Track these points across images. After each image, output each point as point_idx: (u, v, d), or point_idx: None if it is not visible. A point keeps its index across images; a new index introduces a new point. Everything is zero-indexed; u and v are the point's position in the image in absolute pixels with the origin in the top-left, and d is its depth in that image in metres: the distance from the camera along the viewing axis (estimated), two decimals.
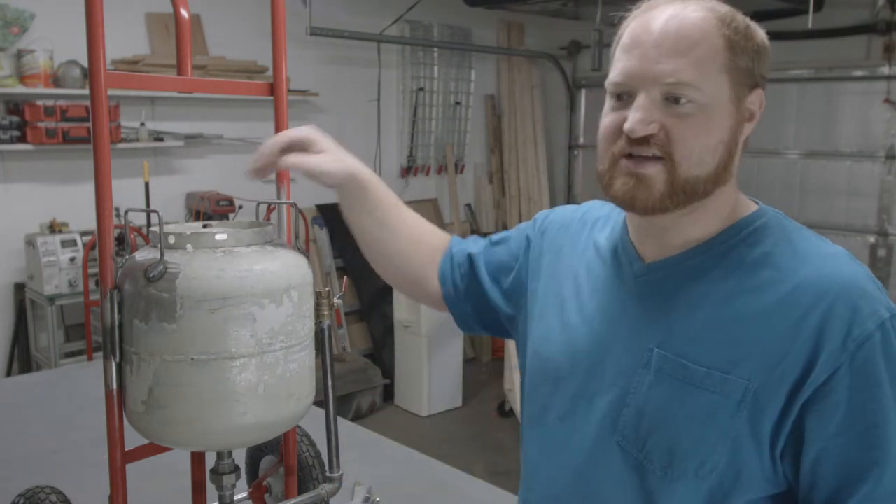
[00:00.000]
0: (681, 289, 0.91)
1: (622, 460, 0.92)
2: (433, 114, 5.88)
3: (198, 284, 0.98)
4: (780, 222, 0.93)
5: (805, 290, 0.84)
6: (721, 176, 0.88)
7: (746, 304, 0.86)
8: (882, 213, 5.18)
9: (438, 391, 4.74)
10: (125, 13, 4.21)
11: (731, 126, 0.87)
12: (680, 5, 0.88)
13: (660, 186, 0.87)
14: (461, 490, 1.89)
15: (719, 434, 0.85)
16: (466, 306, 1.19)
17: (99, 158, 1.04)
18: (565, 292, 1.05)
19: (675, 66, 0.84)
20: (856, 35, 5.08)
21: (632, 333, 0.94)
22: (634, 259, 0.97)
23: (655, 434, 0.89)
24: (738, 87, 0.87)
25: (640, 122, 0.85)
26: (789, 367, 0.82)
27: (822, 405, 0.81)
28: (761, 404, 0.83)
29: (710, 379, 0.86)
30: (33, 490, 1.21)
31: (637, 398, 0.91)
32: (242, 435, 1.06)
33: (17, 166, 4.02)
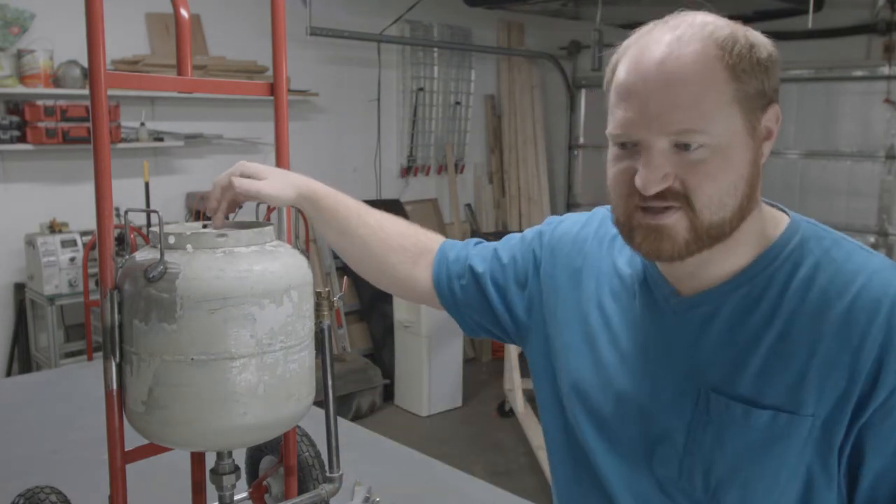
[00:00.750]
0: (728, 325, 0.86)
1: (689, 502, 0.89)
2: (433, 114, 5.88)
3: (198, 285, 0.98)
4: (816, 235, 0.87)
5: (857, 312, 0.80)
6: (745, 210, 0.83)
7: (800, 336, 0.82)
8: (882, 213, 5.18)
9: (438, 391, 4.74)
10: (125, 13, 4.21)
11: (749, 159, 0.82)
12: (674, 39, 0.81)
13: (683, 234, 0.82)
14: (461, 490, 1.89)
15: (790, 475, 0.82)
16: (472, 317, 1.16)
17: (99, 158, 1.04)
18: (592, 322, 0.99)
19: (680, 115, 0.78)
20: (856, 35, 5.08)
21: (680, 377, 0.88)
22: (669, 293, 0.91)
23: (725, 481, 0.85)
24: (751, 114, 0.81)
25: (652, 182, 0.80)
26: (851, 392, 0.79)
27: (883, 425, 0.79)
28: (828, 436, 0.81)
29: (775, 421, 0.82)
30: (33, 490, 1.21)
31: (700, 446, 0.86)
32: (242, 435, 1.06)
33: (17, 166, 4.02)
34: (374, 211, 1.19)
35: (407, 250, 1.18)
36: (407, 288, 1.20)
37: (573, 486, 1.02)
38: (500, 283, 1.11)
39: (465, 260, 1.15)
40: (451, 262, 1.16)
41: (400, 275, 1.18)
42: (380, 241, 1.17)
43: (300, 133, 4.93)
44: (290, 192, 1.11)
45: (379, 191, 5.55)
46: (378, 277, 1.21)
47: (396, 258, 1.17)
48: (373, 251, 1.17)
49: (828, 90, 5.33)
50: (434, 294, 1.17)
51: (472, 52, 6.02)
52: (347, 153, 5.39)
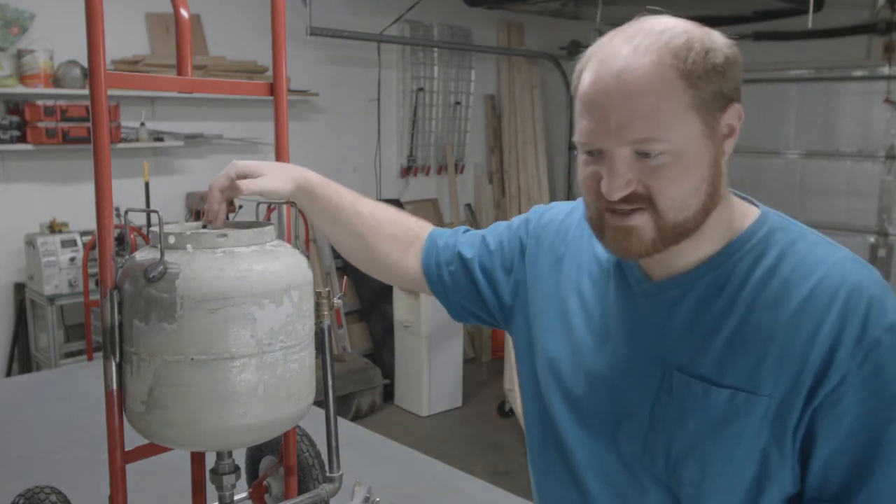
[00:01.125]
0: (693, 309, 0.90)
1: (651, 480, 0.93)
2: (433, 114, 5.88)
3: (198, 284, 0.98)
4: (783, 227, 0.91)
5: (815, 302, 0.84)
6: (709, 207, 0.87)
7: (760, 320, 0.86)
8: (882, 213, 5.18)
9: (438, 391, 4.74)
10: (125, 13, 4.21)
11: (710, 159, 0.85)
12: (630, 50, 0.84)
13: (650, 234, 0.86)
14: (461, 490, 1.89)
15: (747, 452, 0.86)
16: (459, 302, 1.19)
17: (99, 158, 1.04)
18: (570, 307, 1.03)
19: (639, 125, 0.82)
20: (856, 35, 5.08)
21: (648, 357, 0.93)
22: (642, 277, 0.95)
23: (684, 457, 0.89)
24: (709, 117, 0.84)
25: (615, 189, 0.85)
26: (806, 377, 0.83)
27: (834, 410, 0.82)
28: (783, 416, 0.84)
29: (732, 400, 0.86)
30: (33, 490, 1.21)
31: (663, 424, 0.90)
32: (242, 435, 1.06)
33: (17, 166, 4.02)
34: (366, 200, 1.22)
35: (398, 238, 1.20)
36: (398, 275, 1.23)
37: (543, 462, 1.07)
38: (488, 268, 1.15)
39: (453, 247, 1.18)
40: (441, 249, 1.19)
41: (390, 262, 1.21)
42: (371, 230, 1.19)
43: (300, 133, 4.93)
44: (289, 184, 1.13)
45: (379, 191, 5.55)
46: (369, 265, 1.23)
47: (387, 246, 1.20)
48: (365, 239, 1.19)
49: (828, 90, 5.33)
50: (423, 280, 1.20)
51: (472, 52, 6.02)
52: (347, 153, 5.39)
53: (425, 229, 1.23)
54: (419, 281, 1.21)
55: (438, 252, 1.19)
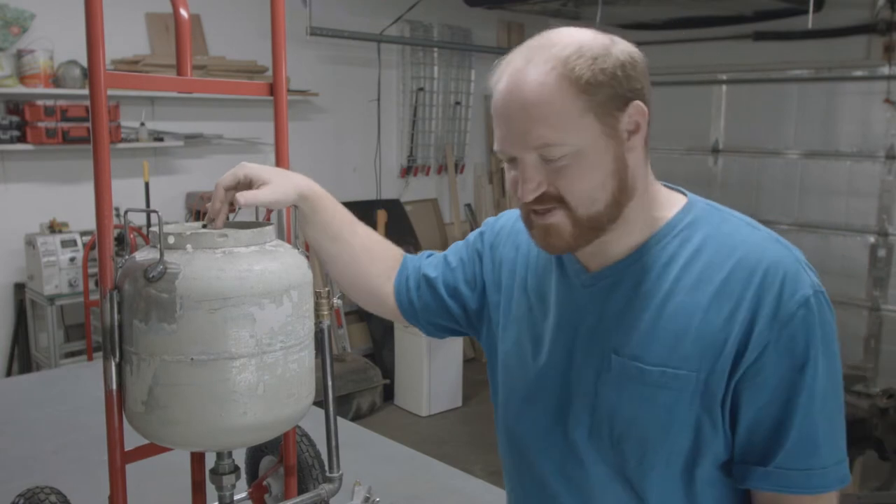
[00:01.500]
0: (625, 294, 0.97)
1: (599, 459, 0.99)
2: (433, 114, 5.88)
3: (197, 284, 0.98)
4: (708, 213, 0.97)
5: (734, 279, 0.91)
6: (621, 199, 0.93)
7: (685, 301, 0.93)
8: (882, 213, 5.18)
9: (438, 391, 4.74)
10: (125, 13, 4.21)
11: (613, 156, 0.91)
12: (525, 64, 0.91)
13: (568, 230, 0.93)
14: (461, 490, 1.89)
15: (681, 425, 0.93)
16: (429, 320, 1.23)
17: (99, 158, 1.04)
18: (520, 305, 1.10)
19: (538, 132, 0.89)
20: (856, 35, 5.08)
21: (589, 342, 1.00)
22: (580, 270, 1.02)
23: (627, 433, 0.96)
24: (607, 117, 0.90)
25: (528, 192, 0.92)
26: (728, 351, 0.90)
27: (755, 380, 0.90)
28: (711, 389, 0.91)
29: (663, 377, 0.93)
30: (33, 490, 1.22)
31: (605, 402, 0.97)
32: (242, 435, 1.06)
33: (17, 166, 4.02)
34: (360, 222, 1.25)
35: (387, 262, 1.24)
36: (377, 302, 1.26)
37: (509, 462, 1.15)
38: (451, 284, 1.20)
39: (417, 270, 1.23)
40: (411, 273, 1.23)
41: (373, 287, 1.24)
42: (366, 250, 1.22)
43: (300, 133, 4.93)
44: (292, 193, 1.14)
45: (379, 191, 5.56)
46: (354, 286, 1.25)
47: (377, 270, 1.23)
48: (358, 260, 1.22)
49: (828, 90, 5.33)
50: (396, 307, 1.24)
51: (472, 52, 6.02)
52: (347, 153, 5.39)
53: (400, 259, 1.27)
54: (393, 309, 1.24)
55: (408, 277, 1.23)
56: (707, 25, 5.46)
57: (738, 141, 5.66)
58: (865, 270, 5.24)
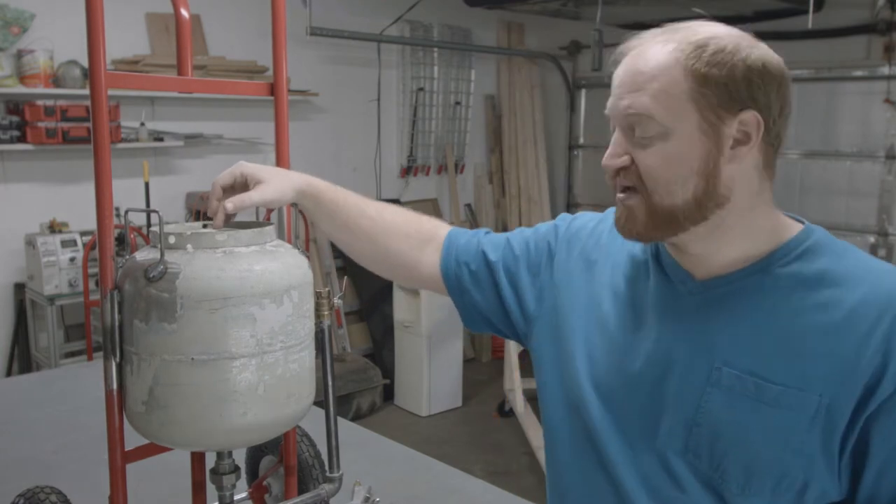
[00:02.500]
0: (742, 306, 0.91)
1: (694, 479, 0.92)
2: (433, 114, 5.88)
3: (198, 284, 0.98)
4: (829, 240, 0.93)
5: (868, 306, 0.85)
6: (704, 203, 0.88)
7: (813, 320, 0.87)
8: (882, 213, 5.18)
9: (438, 391, 4.74)
10: (125, 13, 4.21)
11: (703, 155, 0.87)
12: (648, 42, 0.90)
13: (642, 217, 0.90)
14: (461, 490, 1.89)
15: (795, 451, 0.86)
16: (475, 304, 1.16)
17: (99, 158, 1.04)
18: (605, 308, 1.03)
19: (632, 100, 0.88)
20: (856, 35, 5.08)
21: (693, 352, 0.92)
22: (685, 276, 0.96)
23: (731, 453, 0.89)
24: (710, 114, 0.87)
25: (608, 157, 0.91)
26: (857, 381, 0.83)
27: (888, 418, 0.83)
28: (833, 419, 0.84)
29: (784, 396, 0.86)
30: (33, 490, 1.22)
31: (709, 417, 0.90)
32: (242, 435, 1.06)
33: (17, 166, 4.02)
34: (372, 202, 1.21)
35: (411, 237, 1.19)
36: (413, 275, 1.21)
37: (576, 472, 1.04)
38: (512, 271, 1.13)
39: (476, 247, 1.17)
40: (461, 248, 1.17)
41: (405, 261, 1.19)
42: (382, 232, 1.18)
43: (300, 133, 4.93)
44: (290, 192, 1.13)
45: (379, 191, 5.55)
46: (382, 266, 1.22)
47: (400, 246, 1.18)
48: (376, 241, 1.18)
49: (828, 90, 5.33)
50: (440, 280, 1.18)
51: (472, 52, 6.02)
52: (347, 153, 5.39)
53: (441, 228, 1.21)
54: (435, 280, 1.19)
55: (458, 251, 1.17)
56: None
57: None
58: None
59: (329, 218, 1.17)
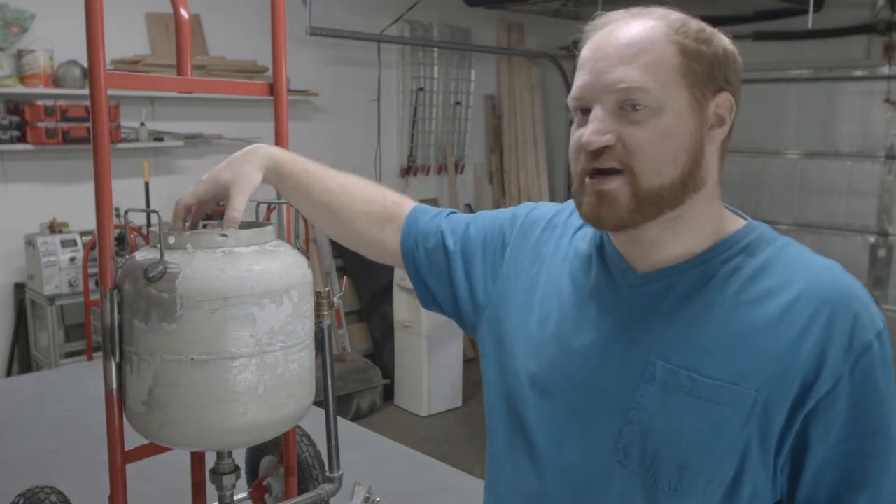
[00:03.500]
0: (680, 300, 0.89)
1: (625, 479, 0.89)
2: (433, 114, 5.88)
3: (198, 284, 0.98)
4: (771, 235, 0.92)
5: (806, 301, 0.83)
6: (688, 184, 0.86)
7: (750, 315, 0.85)
8: (882, 213, 5.18)
9: (438, 391, 4.74)
10: (125, 13, 4.21)
11: (692, 131, 0.85)
12: (628, 19, 0.88)
13: (624, 201, 0.85)
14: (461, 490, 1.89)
15: (729, 448, 0.84)
16: (428, 285, 1.14)
17: (99, 158, 1.04)
18: (549, 302, 1.01)
19: (624, 73, 0.84)
20: (856, 35, 5.08)
21: (629, 347, 0.91)
22: (627, 269, 0.93)
23: (664, 451, 0.86)
24: (697, 90, 0.85)
25: (594, 133, 0.85)
26: (794, 377, 0.82)
27: (825, 415, 0.81)
28: (769, 415, 0.83)
29: (719, 391, 0.84)
30: (33, 490, 1.22)
31: (641, 415, 0.88)
32: (242, 435, 1.06)
33: (17, 166, 4.02)
34: (337, 174, 1.18)
35: (371, 216, 1.16)
36: (377, 251, 1.19)
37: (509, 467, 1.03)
38: (468, 261, 1.11)
39: (436, 229, 1.14)
40: (420, 228, 1.15)
41: (366, 239, 1.17)
42: (343, 207, 1.15)
43: (300, 133, 4.92)
44: (257, 178, 1.11)
45: None
46: (347, 241, 1.20)
47: (362, 224, 1.16)
48: (337, 216, 1.15)
49: (828, 90, 5.33)
50: (398, 253, 1.16)
51: (472, 52, 6.02)
52: (347, 153, 5.39)
53: (403, 206, 1.18)
54: (399, 259, 1.17)
55: (418, 232, 1.14)
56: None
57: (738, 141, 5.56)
58: (865, 270, 5.24)
59: (290, 190, 1.15)
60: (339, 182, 1.17)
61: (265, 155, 1.13)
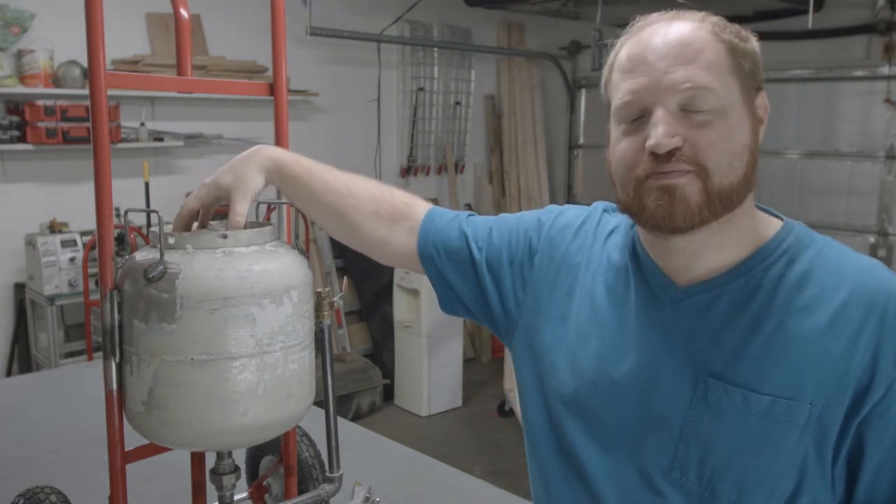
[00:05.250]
0: (726, 314, 0.87)
1: (682, 497, 0.88)
2: (433, 114, 5.88)
3: (198, 285, 0.98)
4: (809, 236, 0.90)
5: (853, 306, 0.82)
6: (750, 181, 0.85)
7: (798, 325, 0.83)
8: (882, 213, 5.18)
9: (438, 391, 4.74)
10: (125, 13, 4.21)
11: (749, 128, 0.85)
12: (672, 20, 0.86)
13: (696, 197, 0.82)
14: (461, 490, 1.89)
15: (787, 462, 0.83)
16: (453, 292, 1.11)
17: (99, 158, 1.04)
18: (586, 316, 0.98)
19: (688, 73, 0.82)
20: (856, 35, 5.08)
21: (678, 364, 0.88)
22: (667, 283, 0.91)
23: (721, 470, 0.85)
24: (747, 89, 0.85)
25: (665, 135, 0.81)
26: (848, 385, 0.81)
27: (880, 420, 0.80)
28: (825, 426, 0.81)
29: (774, 407, 0.82)
30: (33, 490, 1.22)
31: (696, 434, 0.86)
32: (242, 435, 1.06)
33: (17, 166, 4.02)
34: (342, 175, 1.15)
35: (380, 216, 1.12)
36: (384, 253, 1.14)
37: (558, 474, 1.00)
38: (494, 266, 1.07)
39: (457, 235, 1.10)
40: (439, 233, 1.11)
41: (374, 239, 1.13)
42: (350, 207, 1.12)
43: (300, 133, 4.92)
44: (259, 181, 1.09)
45: None
46: (354, 242, 1.16)
47: (370, 224, 1.12)
48: (343, 218, 1.12)
49: (828, 90, 5.33)
50: (416, 261, 1.12)
51: (472, 52, 6.02)
52: (347, 153, 5.39)
53: (416, 207, 1.15)
54: (411, 261, 1.13)
55: (436, 236, 1.10)
56: None
57: None
58: None
59: (294, 192, 1.12)
60: (345, 182, 1.14)
61: (267, 157, 1.11)
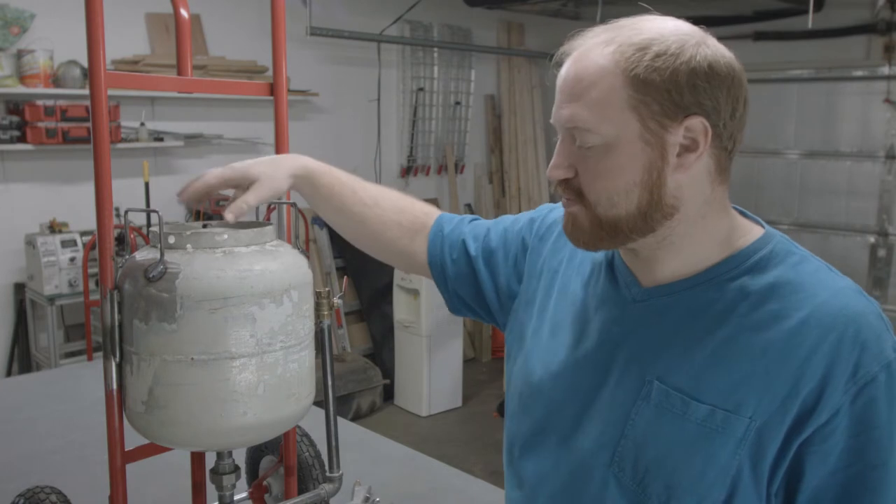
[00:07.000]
0: (682, 319, 0.87)
1: (619, 491, 0.89)
2: (433, 114, 5.88)
3: (198, 284, 0.98)
4: (787, 249, 0.88)
5: (811, 327, 0.80)
6: (651, 214, 0.84)
7: (749, 339, 0.83)
8: (882, 213, 5.18)
9: (438, 391, 4.74)
10: (125, 13, 4.21)
11: (645, 166, 0.83)
12: (590, 43, 0.86)
13: (586, 225, 0.88)
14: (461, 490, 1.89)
15: (719, 472, 0.82)
16: (457, 291, 1.16)
17: (99, 158, 1.04)
18: (561, 309, 1.02)
19: (571, 111, 0.84)
20: (856, 35, 5.08)
21: (629, 362, 0.90)
22: (632, 282, 0.93)
23: (654, 470, 0.86)
24: (652, 122, 0.82)
25: (553, 168, 0.88)
26: (792, 405, 0.80)
27: (822, 445, 0.79)
28: (763, 442, 0.81)
29: (711, 417, 0.83)
30: (33, 490, 1.22)
31: (635, 431, 0.87)
32: (242, 435, 1.06)
33: (17, 166, 4.02)
34: (370, 186, 1.21)
35: (403, 226, 1.18)
36: (407, 263, 1.21)
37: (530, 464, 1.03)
38: (491, 264, 1.13)
39: (458, 236, 1.16)
40: (445, 237, 1.17)
41: (397, 250, 1.19)
42: (376, 217, 1.18)
43: (300, 133, 4.93)
44: (284, 183, 1.12)
45: None
46: (376, 252, 1.22)
47: (393, 234, 1.18)
48: (369, 228, 1.18)
49: (828, 90, 5.33)
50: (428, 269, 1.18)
51: (472, 52, 6.02)
52: (347, 153, 5.39)
53: (432, 216, 1.20)
54: (426, 268, 1.19)
55: (443, 240, 1.17)
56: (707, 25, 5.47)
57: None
58: (865, 270, 5.24)
59: (324, 201, 1.17)
60: (372, 194, 1.19)
61: (300, 165, 1.15)
